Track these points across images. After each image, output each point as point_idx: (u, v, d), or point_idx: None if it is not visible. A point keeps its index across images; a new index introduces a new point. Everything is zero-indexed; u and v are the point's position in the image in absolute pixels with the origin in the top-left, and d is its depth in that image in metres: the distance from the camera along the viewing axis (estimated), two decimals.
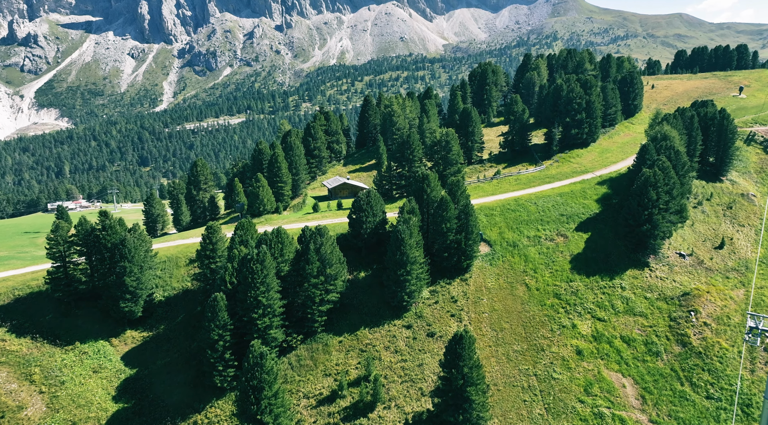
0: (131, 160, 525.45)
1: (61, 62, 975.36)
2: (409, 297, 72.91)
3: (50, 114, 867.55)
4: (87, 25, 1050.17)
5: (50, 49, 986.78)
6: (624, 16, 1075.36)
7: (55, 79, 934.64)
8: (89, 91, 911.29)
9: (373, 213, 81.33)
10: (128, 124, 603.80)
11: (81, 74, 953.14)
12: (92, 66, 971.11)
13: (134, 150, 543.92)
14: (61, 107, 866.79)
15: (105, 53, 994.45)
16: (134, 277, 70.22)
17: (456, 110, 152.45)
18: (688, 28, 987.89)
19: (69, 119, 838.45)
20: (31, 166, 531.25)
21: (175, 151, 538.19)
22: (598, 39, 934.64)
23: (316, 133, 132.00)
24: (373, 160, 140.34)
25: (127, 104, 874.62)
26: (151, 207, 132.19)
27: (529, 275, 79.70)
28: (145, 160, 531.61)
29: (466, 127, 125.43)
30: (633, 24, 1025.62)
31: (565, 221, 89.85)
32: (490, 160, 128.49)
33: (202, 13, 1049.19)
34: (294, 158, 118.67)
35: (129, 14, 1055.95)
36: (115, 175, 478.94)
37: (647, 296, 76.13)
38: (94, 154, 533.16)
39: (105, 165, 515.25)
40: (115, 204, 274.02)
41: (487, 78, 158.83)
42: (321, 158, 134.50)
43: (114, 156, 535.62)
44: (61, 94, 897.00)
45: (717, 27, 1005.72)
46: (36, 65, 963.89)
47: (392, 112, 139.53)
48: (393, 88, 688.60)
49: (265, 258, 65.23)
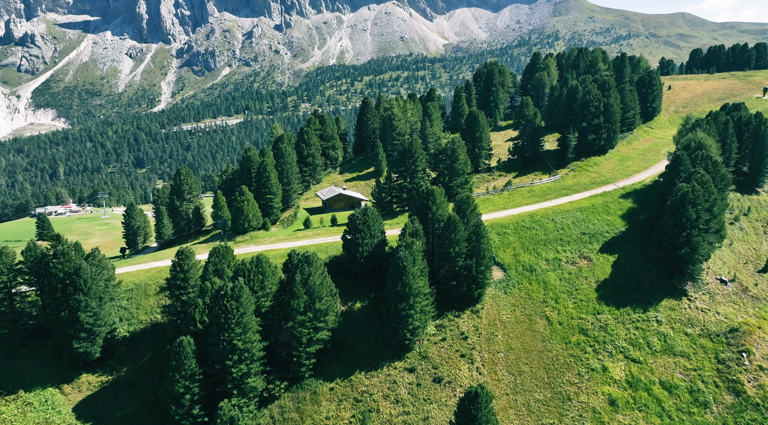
0: (127, 162, 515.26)
1: (59, 62, 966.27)
2: (412, 334, 62.57)
3: (47, 114, 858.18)
4: (85, 24, 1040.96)
5: (47, 49, 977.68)
6: (626, 15, 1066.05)
7: (52, 79, 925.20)
8: (86, 92, 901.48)
9: (370, 234, 71.00)
10: (125, 124, 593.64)
11: (78, 74, 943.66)
12: (90, 66, 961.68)
13: (130, 151, 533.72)
14: (58, 107, 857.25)
15: (103, 53, 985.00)
16: (91, 312, 59.88)
17: (460, 113, 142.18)
18: (691, 28, 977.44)
19: (66, 120, 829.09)
20: (25, 168, 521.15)
21: (172, 152, 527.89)
22: (600, 39, 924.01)
23: (309, 138, 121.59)
24: (371, 167, 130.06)
25: (125, 104, 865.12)
26: (131, 218, 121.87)
27: (549, 306, 69.30)
28: (141, 162, 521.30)
29: (473, 132, 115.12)
30: (635, 23, 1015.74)
31: (588, 241, 79.45)
32: (499, 168, 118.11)
33: (200, 12, 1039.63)
34: (285, 166, 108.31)
35: (127, 14, 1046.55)
36: (110, 177, 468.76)
37: (688, 332, 65.72)
38: (90, 156, 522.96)
39: (100, 166, 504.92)
40: (104, 208, 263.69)
41: (494, 78, 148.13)
42: (315, 166, 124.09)
43: (110, 157, 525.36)
44: (58, 95, 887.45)
45: (720, 26, 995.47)
46: (33, 65, 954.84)
47: (392, 116, 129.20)
48: (393, 89, 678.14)
49: (241, 293, 54.87)
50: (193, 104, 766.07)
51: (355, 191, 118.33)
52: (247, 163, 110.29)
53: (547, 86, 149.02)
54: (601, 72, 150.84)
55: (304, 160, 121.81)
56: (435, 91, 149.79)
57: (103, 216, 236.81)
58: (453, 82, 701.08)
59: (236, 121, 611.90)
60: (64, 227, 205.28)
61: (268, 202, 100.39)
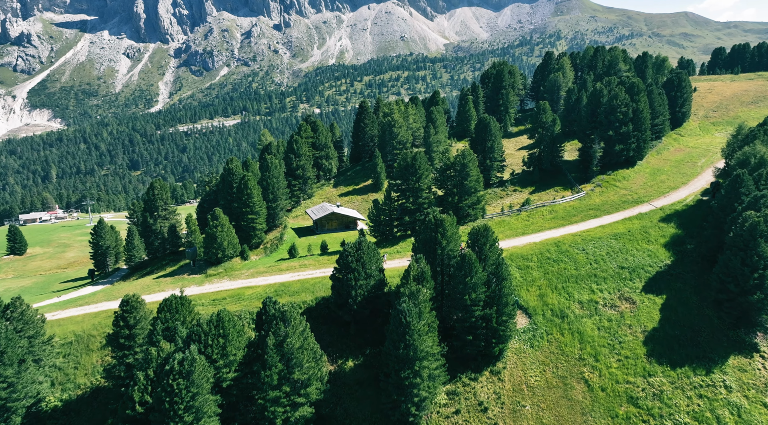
0: (121, 164, 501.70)
1: (55, 62, 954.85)
2: (417, 408, 49.11)
3: (43, 115, 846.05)
4: (82, 24, 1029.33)
5: (44, 49, 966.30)
6: (628, 14, 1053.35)
7: (49, 79, 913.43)
8: (83, 92, 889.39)
9: (365, 274, 57.46)
10: (120, 125, 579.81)
11: (75, 74, 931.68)
12: (86, 66, 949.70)
13: (125, 153, 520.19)
14: (54, 108, 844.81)
15: (100, 53, 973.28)
16: (4, 383, 46.47)
17: (467, 118, 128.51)
18: (694, 27, 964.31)
19: (62, 120, 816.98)
20: (17, 170, 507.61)
21: (168, 153, 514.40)
22: (602, 38, 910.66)
23: (299, 148, 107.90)
24: (369, 180, 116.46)
25: (122, 105, 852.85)
26: (99, 238, 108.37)
27: (588, 365, 55.77)
28: (135, 164, 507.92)
29: (484, 141, 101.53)
30: (638, 23, 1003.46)
31: (629, 277, 65.92)
32: (513, 182, 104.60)
33: (199, 11, 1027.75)
34: (271, 181, 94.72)
35: (125, 13, 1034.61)
36: (104, 180, 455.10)
37: (767, 402, 52.19)
38: (83, 158, 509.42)
39: (94, 169, 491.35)
40: (90, 215, 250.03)
41: (503, 80, 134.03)
42: (306, 179, 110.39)
43: (104, 159, 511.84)
44: (54, 95, 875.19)
45: (723, 26, 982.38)
46: (29, 65, 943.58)
47: (393, 122, 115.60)
48: (393, 89, 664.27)
49: (193, 368, 41.35)
50: (190, 105, 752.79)
51: (350, 208, 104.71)
52: (229, 177, 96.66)
53: (563, 88, 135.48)
54: (621, 73, 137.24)
55: (293, 173, 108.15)
56: (439, 94, 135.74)
57: (89, 224, 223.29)
58: (454, 82, 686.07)
59: (233, 121, 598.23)
60: (43, 237, 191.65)
61: (250, 223, 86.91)
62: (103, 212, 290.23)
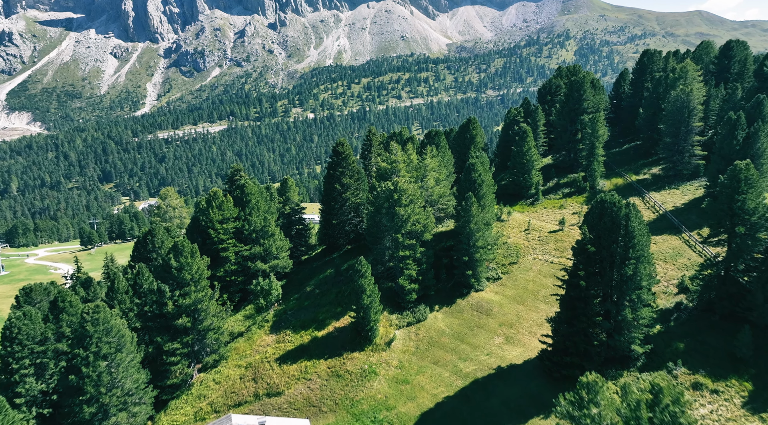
0: (91, 176, 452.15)
1: (38, 62, 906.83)
2: None
3: (22, 118, 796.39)
4: (67, 22, 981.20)
5: (26, 48, 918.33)
6: (639, 13, 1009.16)
7: (30, 80, 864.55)
8: (66, 93, 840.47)
9: None
10: (96, 132, 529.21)
11: (58, 75, 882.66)
12: (71, 66, 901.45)
13: (97, 163, 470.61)
14: (34, 110, 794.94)
15: (85, 52, 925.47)
16: None
17: (525, 168, 76.02)
18: (710, 26, 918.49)
19: (42, 123, 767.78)
20: None
21: (144, 164, 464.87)
22: (614, 38, 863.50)
23: (187, 266, 55.98)
24: (344, 318, 59.79)
25: (107, 107, 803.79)
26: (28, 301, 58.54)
27: None
28: (108, 175, 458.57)
29: (611, 259, 53.75)
30: (650, 22, 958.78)
31: None
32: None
33: (190, 10, 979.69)
34: None
35: (113, 11, 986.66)
36: (67, 195, 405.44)
37: None
38: (50, 168, 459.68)
39: (60, 181, 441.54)
40: (19, 253, 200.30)
41: (584, 95, 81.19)
42: (203, 331, 56.61)
43: (72, 170, 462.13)
44: (35, 97, 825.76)
45: (740, 25, 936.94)
46: (10, 65, 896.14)
47: (396, 195, 58.44)
48: (393, 92, 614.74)
49: None
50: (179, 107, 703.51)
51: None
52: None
53: (695, 110, 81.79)
54: None
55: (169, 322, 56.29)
56: (475, 124, 77.69)
57: (27, 260, 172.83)
58: (458, 85, 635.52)
59: (219, 127, 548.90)
60: None
61: None
62: (45, 244, 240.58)
